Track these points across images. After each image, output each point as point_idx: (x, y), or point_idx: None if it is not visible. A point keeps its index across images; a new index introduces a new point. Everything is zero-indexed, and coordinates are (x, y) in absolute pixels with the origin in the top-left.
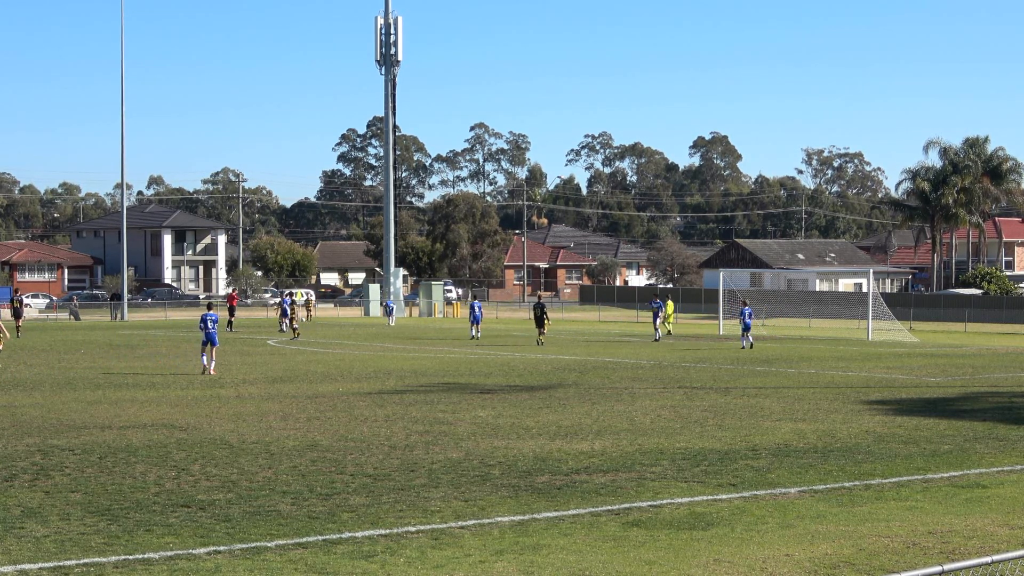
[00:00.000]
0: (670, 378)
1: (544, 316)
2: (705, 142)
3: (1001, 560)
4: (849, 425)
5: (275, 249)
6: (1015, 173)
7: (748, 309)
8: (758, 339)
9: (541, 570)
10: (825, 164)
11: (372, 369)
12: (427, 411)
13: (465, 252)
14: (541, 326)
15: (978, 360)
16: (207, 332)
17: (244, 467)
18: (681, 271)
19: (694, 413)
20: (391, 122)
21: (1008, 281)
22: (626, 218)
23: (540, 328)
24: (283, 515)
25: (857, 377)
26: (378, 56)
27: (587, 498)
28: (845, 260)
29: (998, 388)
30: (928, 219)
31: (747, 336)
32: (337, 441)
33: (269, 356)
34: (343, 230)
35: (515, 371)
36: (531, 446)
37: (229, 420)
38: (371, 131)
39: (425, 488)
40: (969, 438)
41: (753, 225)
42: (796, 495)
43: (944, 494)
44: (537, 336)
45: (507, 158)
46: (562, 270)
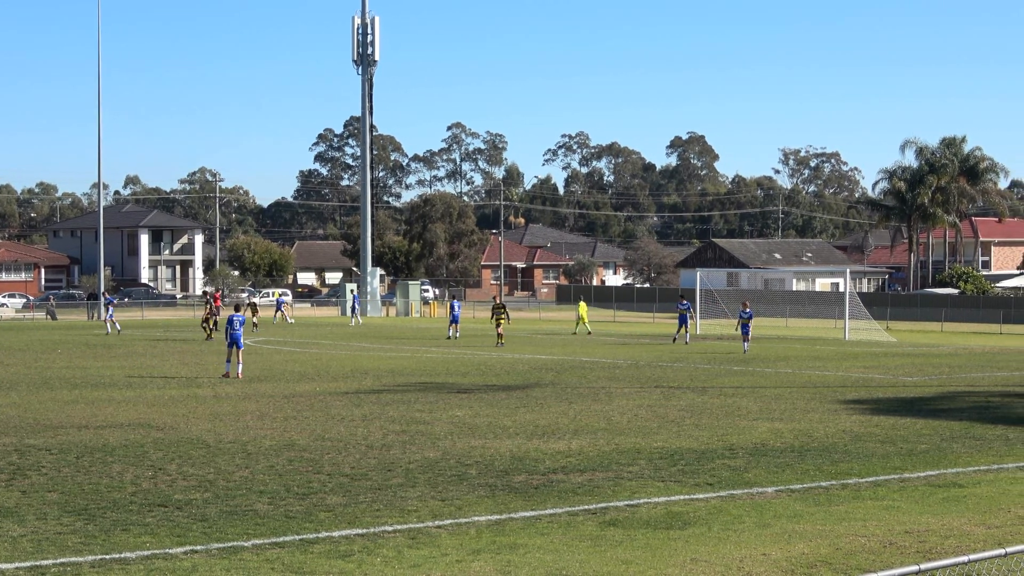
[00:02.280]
0: (647, 377)
1: (503, 316)
2: (682, 142)
3: (978, 559)
4: (826, 424)
5: (252, 249)
6: (992, 173)
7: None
8: (734, 339)
9: (518, 569)
10: (802, 164)
11: (349, 369)
12: (404, 411)
13: (442, 252)
14: (499, 326)
15: (955, 359)
16: (233, 334)
17: (221, 467)
18: (658, 271)
19: (671, 412)
20: (368, 122)
21: (984, 281)
22: (603, 218)
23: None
24: (260, 514)
25: (834, 377)
26: (355, 56)
27: (564, 497)
28: (822, 260)
29: (975, 387)
30: (905, 219)
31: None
32: (314, 441)
33: (246, 355)
34: (320, 230)
35: (492, 371)
36: (508, 445)
37: (206, 420)
38: (348, 131)
39: (402, 488)
40: (946, 437)
41: (730, 225)
42: (773, 494)
43: (921, 493)
44: (501, 339)
45: (484, 158)
46: (539, 270)
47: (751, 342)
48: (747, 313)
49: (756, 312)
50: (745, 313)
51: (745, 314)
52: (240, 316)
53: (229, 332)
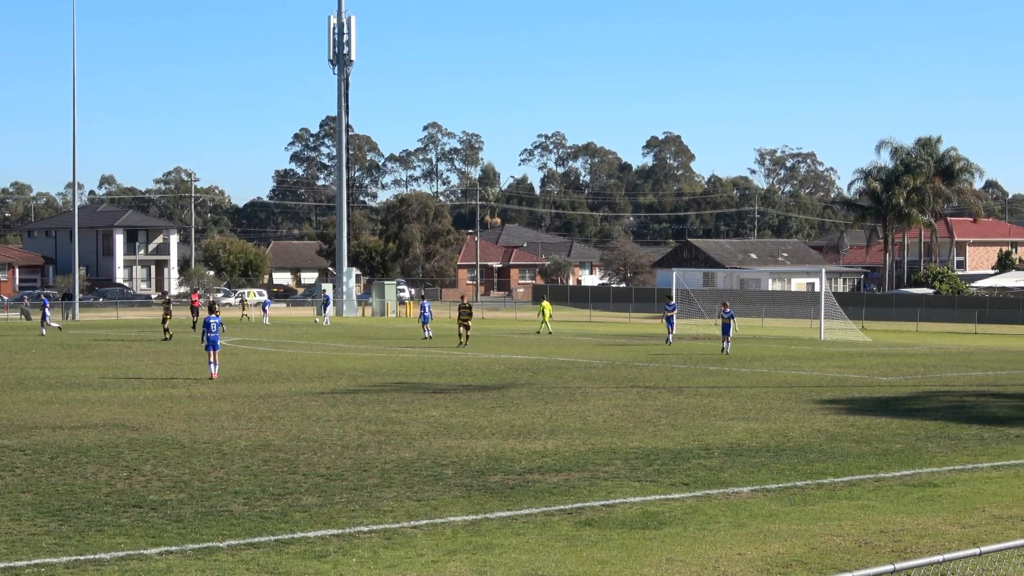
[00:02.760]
0: (623, 377)
1: (468, 317)
2: (658, 142)
3: (952, 559)
4: (801, 424)
5: (227, 249)
6: (967, 173)
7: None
8: (710, 338)
9: (494, 570)
10: (778, 164)
11: (324, 369)
12: (380, 411)
13: (418, 252)
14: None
15: (930, 359)
16: (210, 336)
17: (196, 467)
18: (634, 271)
19: (647, 412)
20: (344, 122)
21: (959, 281)
22: (579, 218)
23: (463, 330)
24: (235, 515)
25: (809, 376)
26: (331, 56)
27: (540, 497)
28: (798, 260)
29: (950, 387)
30: (880, 219)
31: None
32: (289, 441)
33: (221, 356)
34: (296, 230)
35: (468, 371)
36: (484, 446)
37: (181, 420)
38: (324, 131)
39: (378, 488)
40: (921, 437)
41: (706, 225)
42: (749, 494)
43: (896, 493)
44: (460, 339)
45: (460, 158)
46: (515, 270)
47: (731, 342)
48: (728, 313)
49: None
50: (726, 313)
51: (726, 314)
52: (217, 318)
53: (206, 335)
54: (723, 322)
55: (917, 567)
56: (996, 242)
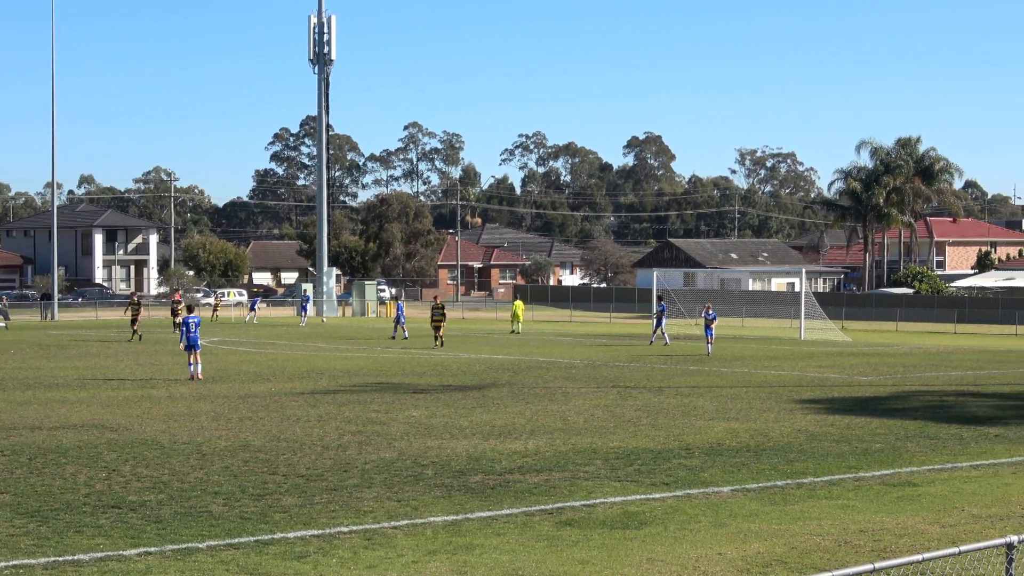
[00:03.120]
0: (603, 377)
1: (441, 318)
2: (639, 142)
3: (932, 558)
4: (782, 424)
5: (207, 249)
6: (946, 173)
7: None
8: (690, 338)
9: (474, 570)
10: (758, 164)
11: (305, 369)
12: (360, 411)
13: (399, 252)
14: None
15: (909, 359)
16: (189, 336)
17: (175, 468)
18: (615, 271)
19: (627, 412)
20: (324, 121)
21: (939, 280)
22: (560, 218)
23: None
24: (215, 516)
25: (790, 376)
26: (311, 55)
27: (520, 498)
28: (778, 260)
29: (929, 387)
30: (860, 219)
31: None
32: (269, 441)
33: (200, 356)
34: (276, 230)
35: (448, 371)
36: (464, 446)
37: (160, 420)
38: (304, 130)
39: (358, 488)
40: (900, 437)
41: (687, 225)
42: (729, 494)
43: (875, 492)
44: (435, 341)
45: (441, 157)
46: (496, 269)
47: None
48: (711, 315)
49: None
50: (709, 315)
51: (709, 315)
52: (196, 318)
53: (186, 335)
54: (705, 323)
55: (896, 566)
56: (975, 242)
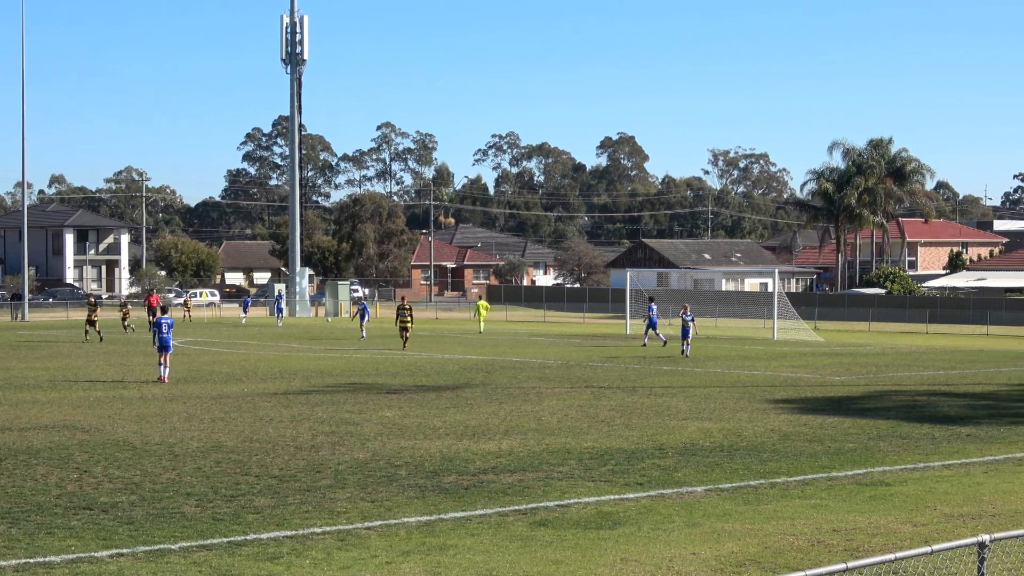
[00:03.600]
0: (577, 377)
1: (408, 318)
2: (612, 142)
3: (904, 557)
4: (755, 424)
5: (179, 249)
6: (918, 174)
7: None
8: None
9: (448, 570)
10: (731, 165)
11: (277, 369)
12: (333, 411)
13: (372, 252)
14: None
15: (882, 359)
16: (161, 337)
17: (147, 469)
18: (588, 271)
19: (601, 412)
20: (297, 121)
21: (911, 281)
22: (533, 218)
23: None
24: (187, 517)
25: (763, 376)
26: (284, 55)
27: (494, 498)
28: (751, 260)
29: (901, 387)
30: (832, 219)
31: (659, 335)
32: (242, 442)
33: (173, 356)
34: (248, 230)
35: (422, 371)
36: (438, 446)
37: (132, 421)
38: (277, 130)
39: (331, 489)
40: (873, 436)
41: (660, 225)
42: (702, 494)
43: (848, 492)
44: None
45: (414, 157)
46: (469, 270)
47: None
48: (688, 316)
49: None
50: (687, 316)
51: (687, 317)
52: (169, 319)
53: (157, 336)
54: (683, 325)
55: (869, 565)
56: (947, 243)
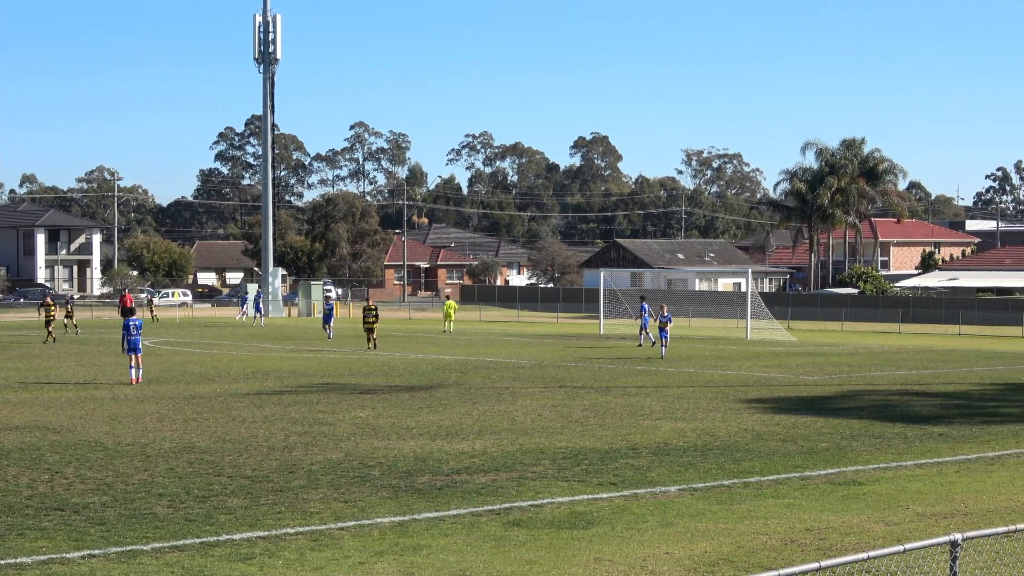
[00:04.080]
0: (551, 377)
1: (374, 319)
2: (585, 142)
3: (877, 556)
4: (728, 424)
5: (151, 249)
6: (890, 174)
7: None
8: (636, 338)
9: (421, 571)
10: (704, 165)
11: (250, 370)
12: (306, 412)
13: (345, 252)
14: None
15: (854, 359)
16: (131, 340)
17: (119, 469)
18: (562, 271)
19: (575, 412)
20: (269, 120)
21: (883, 281)
22: (507, 218)
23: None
24: (159, 518)
25: (736, 376)
26: (256, 54)
27: (468, 498)
28: (724, 260)
29: (874, 386)
30: (806, 219)
31: (648, 335)
32: (215, 443)
33: (145, 356)
34: (221, 229)
35: (395, 371)
36: (411, 446)
37: (104, 422)
38: (249, 129)
39: (304, 489)
40: (846, 436)
41: (633, 225)
42: (676, 493)
43: (821, 491)
44: (368, 343)
45: (387, 157)
46: (443, 270)
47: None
48: (666, 317)
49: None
50: (664, 317)
51: (664, 318)
52: (138, 320)
53: (127, 338)
54: (660, 326)
55: (842, 564)
56: (919, 242)
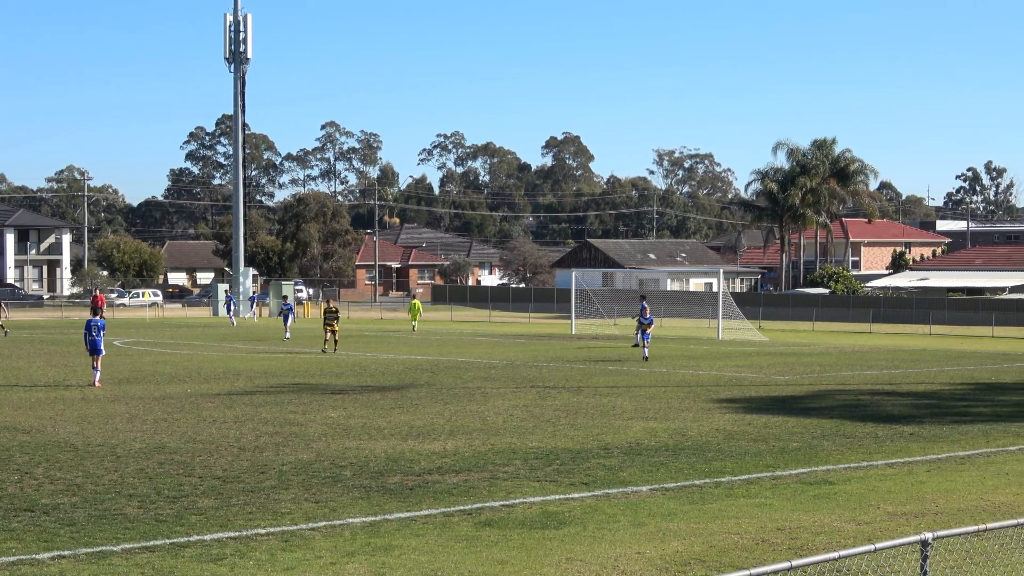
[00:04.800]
0: (523, 377)
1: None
2: (557, 142)
3: (848, 555)
4: (700, 423)
5: (121, 249)
6: (861, 175)
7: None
8: (609, 338)
9: (393, 571)
10: (676, 165)
11: (221, 370)
12: (277, 412)
13: (316, 252)
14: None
15: (825, 358)
16: (91, 340)
17: (89, 470)
18: (534, 271)
19: (546, 412)
20: (240, 120)
21: (854, 281)
22: (479, 218)
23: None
24: (129, 518)
25: (707, 376)
26: (227, 53)
27: (439, 498)
28: (696, 260)
29: (845, 386)
30: (777, 219)
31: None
32: (185, 443)
33: (115, 356)
34: (191, 229)
35: (367, 371)
36: (383, 447)
37: (74, 422)
38: (220, 129)
39: (275, 490)
40: (817, 435)
41: (605, 225)
42: (647, 493)
43: (792, 491)
44: (324, 343)
45: (358, 157)
46: (414, 270)
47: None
48: (647, 319)
49: (631, 312)
50: (645, 318)
51: (645, 320)
52: (100, 321)
53: (88, 339)
54: (642, 328)
55: (813, 564)
56: (890, 243)
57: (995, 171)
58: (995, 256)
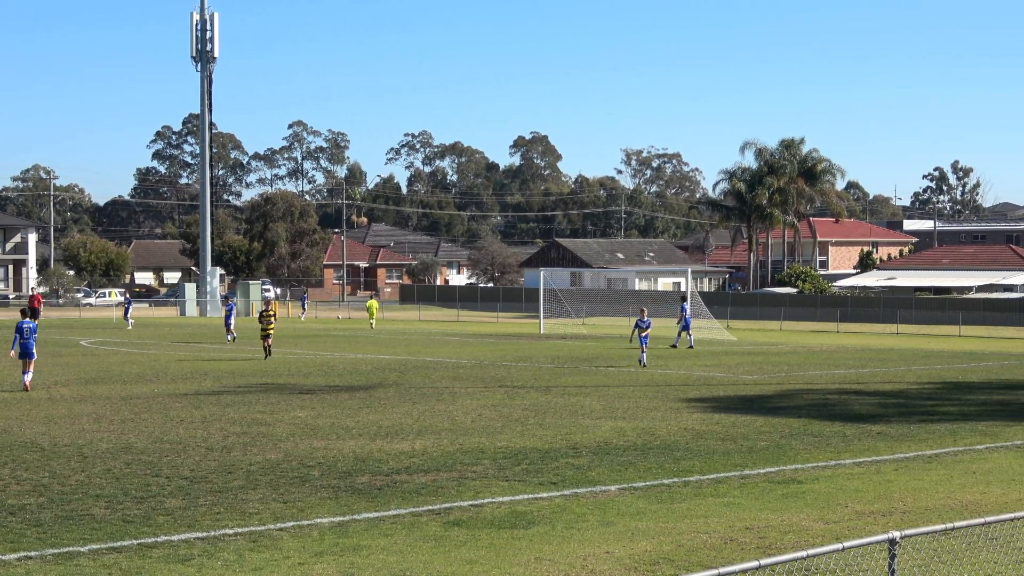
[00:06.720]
0: (491, 377)
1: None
2: (525, 142)
3: (816, 554)
4: (668, 423)
5: (88, 248)
6: (829, 174)
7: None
8: (577, 338)
9: (361, 571)
10: (644, 164)
11: (188, 370)
12: (245, 412)
13: (283, 251)
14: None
15: (793, 358)
16: (23, 343)
17: (56, 471)
18: (502, 270)
19: (515, 412)
20: (207, 119)
21: (822, 280)
22: (447, 217)
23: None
24: (96, 519)
25: (676, 375)
26: (194, 52)
27: (408, 498)
28: (664, 259)
29: (813, 385)
30: (745, 219)
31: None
32: (152, 443)
33: (82, 357)
34: (158, 229)
35: (335, 371)
36: (351, 446)
37: (40, 423)
38: (187, 128)
39: (243, 490)
40: (785, 434)
41: (573, 225)
42: (616, 493)
43: (761, 490)
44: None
45: (326, 156)
46: (382, 269)
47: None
48: (645, 322)
49: (599, 311)
50: (643, 322)
51: (643, 323)
52: (31, 323)
53: (19, 341)
54: (640, 331)
55: (782, 563)
56: (858, 242)
57: (962, 171)
58: (962, 255)
